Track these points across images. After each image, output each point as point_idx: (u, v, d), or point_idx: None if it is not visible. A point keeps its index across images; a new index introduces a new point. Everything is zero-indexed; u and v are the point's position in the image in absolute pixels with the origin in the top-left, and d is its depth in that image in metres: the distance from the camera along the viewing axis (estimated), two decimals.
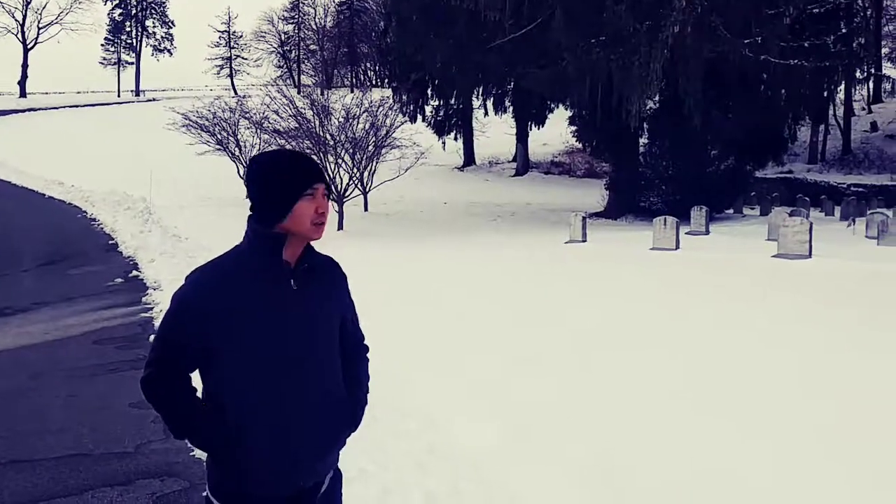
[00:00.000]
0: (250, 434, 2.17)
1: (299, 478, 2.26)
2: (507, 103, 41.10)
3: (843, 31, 24.93)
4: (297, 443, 2.21)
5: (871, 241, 16.84)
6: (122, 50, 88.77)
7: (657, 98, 24.81)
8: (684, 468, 4.58)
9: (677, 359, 7.10)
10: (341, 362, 2.45)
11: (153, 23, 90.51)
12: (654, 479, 4.42)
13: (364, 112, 23.42)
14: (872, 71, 47.76)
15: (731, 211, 27.35)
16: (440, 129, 43.11)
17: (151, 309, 10.11)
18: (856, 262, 12.61)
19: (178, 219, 20.84)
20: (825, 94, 29.80)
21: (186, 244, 15.86)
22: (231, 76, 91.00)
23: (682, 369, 6.73)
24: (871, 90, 51.79)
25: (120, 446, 5.37)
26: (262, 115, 27.08)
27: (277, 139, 23.92)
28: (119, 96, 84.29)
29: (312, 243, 2.31)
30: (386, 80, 50.13)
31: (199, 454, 5.07)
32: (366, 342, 2.59)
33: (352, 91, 35.10)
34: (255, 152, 28.84)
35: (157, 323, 9.19)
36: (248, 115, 29.36)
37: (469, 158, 45.42)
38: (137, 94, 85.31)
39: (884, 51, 51.61)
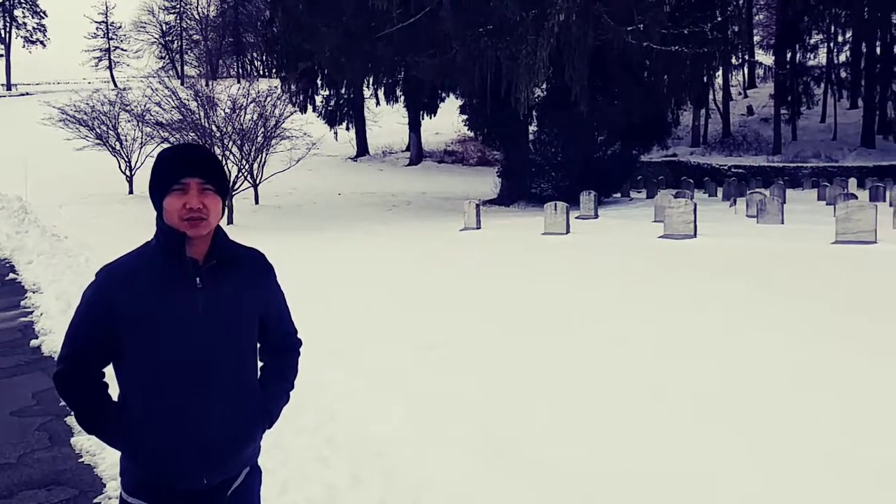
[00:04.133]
0: (156, 431, 2.17)
1: (209, 474, 2.23)
2: (399, 93, 41.08)
3: (719, 18, 25.93)
4: (203, 440, 2.19)
5: (751, 220, 17.66)
6: None
7: (545, 86, 25.23)
8: (581, 444, 4.67)
9: (569, 338, 7.25)
10: (263, 356, 2.45)
11: (23, 13, 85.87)
12: (554, 457, 4.49)
13: (251, 102, 22.89)
14: (746, 57, 50.17)
15: (618, 195, 28.18)
16: (331, 120, 42.71)
17: (31, 312, 9.60)
18: (738, 240, 13.21)
19: (56, 217, 19.92)
20: (704, 79, 31.07)
21: (66, 244, 15.13)
22: (110, 68, 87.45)
23: (574, 348, 6.87)
24: (746, 76, 54.37)
25: (1, 458, 5.07)
26: (143, 107, 26.15)
27: (160, 132, 23.10)
28: None
29: (232, 235, 2.29)
30: (273, 70, 49.16)
31: (88, 460, 4.87)
32: (298, 336, 2.57)
33: (238, 82, 34.16)
34: (136, 146, 27.94)
35: (37, 327, 8.77)
36: (128, 108, 28.31)
37: (362, 148, 45.15)
38: (9, 88, 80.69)
39: (755, 38, 54.19)
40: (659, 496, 4.00)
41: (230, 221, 20.58)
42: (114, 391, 2.27)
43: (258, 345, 2.40)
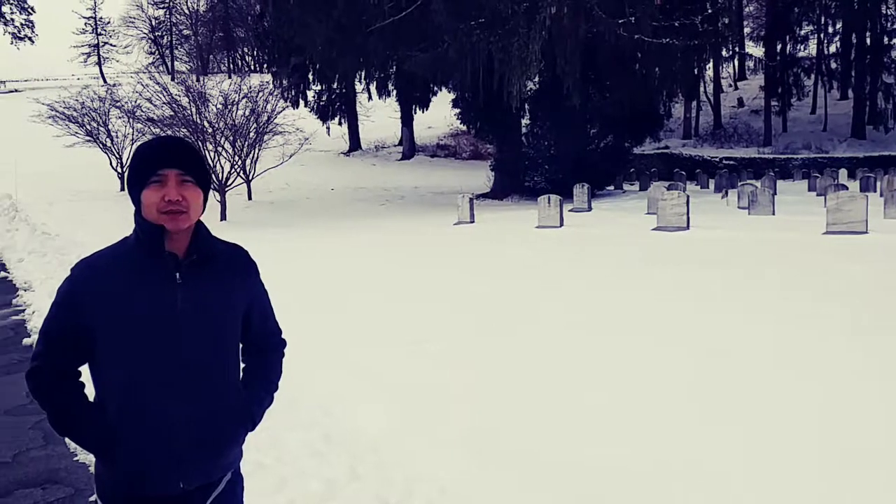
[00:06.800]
0: (131, 433, 2.08)
1: (186, 479, 2.14)
2: (391, 87, 40.85)
3: (709, 11, 25.95)
4: (182, 442, 2.11)
5: (742, 211, 17.70)
6: None
7: (537, 79, 25.24)
8: (574, 437, 4.68)
9: (565, 331, 7.25)
10: (246, 356, 2.37)
11: (10, 9, 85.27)
12: (546, 451, 4.49)
13: (243, 98, 22.82)
14: (737, 49, 50.17)
15: (611, 187, 28.21)
16: (324, 114, 42.58)
17: (23, 311, 9.57)
18: (730, 231, 13.23)
19: (47, 215, 19.84)
20: (696, 71, 31.10)
21: (57, 241, 15.09)
22: (99, 64, 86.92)
23: (570, 340, 6.87)
24: (737, 68, 54.41)
25: None
26: (134, 103, 26.04)
27: (152, 128, 23.02)
28: None
29: (215, 231, 2.21)
30: (265, 65, 49.09)
31: (84, 458, 4.85)
32: (282, 336, 2.48)
33: (229, 77, 34.18)
34: (127, 142, 27.83)
35: (29, 325, 8.74)
36: (119, 104, 28.20)
37: (354, 143, 45.07)
38: None
39: (746, 30, 54.24)
40: (655, 486, 4.01)
41: (223, 217, 20.54)
42: (90, 392, 2.18)
43: (240, 345, 2.32)
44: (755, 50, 52.10)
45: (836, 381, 5.49)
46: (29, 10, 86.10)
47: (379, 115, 45.47)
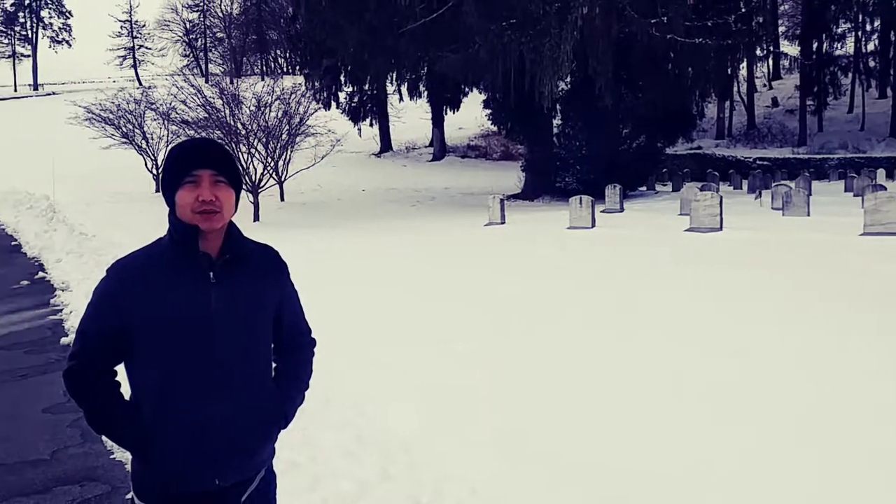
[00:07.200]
0: (167, 431, 2.12)
1: (221, 476, 2.17)
2: (422, 88, 40.98)
3: (743, 10, 25.68)
4: (217, 441, 2.14)
5: (776, 213, 17.48)
6: (17, 42, 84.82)
7: (569, 79, 25.15)
8: (601, 437, 4.66)
9: (594, 332, 7.22)
10: (277, 356, 2.40)
11: (49, 13, 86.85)
12: (574, 452, 4.49)
13: (276, 100, 23.00)
14: (771, 49, 49.54)
15: (644, 188, 28.01)
16: (355, 116, 42.78)
17: (60, 311, 9.74)
18: (764, 233, 13.08)
19: (84, 216, 20.12)
20: (729, 71, 30.78)
21: (94, 242, 15.29)
22: (135, 67, 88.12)
23: (600, 341, 6.85)
24: (771, 67, 53.74)
25: (35, 454, 5.15)
26: (168, 105, 26.34)
27: (186, 130, 23.27)
28: (16, 90, 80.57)
29: (246, 232, 2.25)
30: (297, 67, 49.36)
31: (121, 456, 4.92)
32: (312, 335, 2.51)
33: (262, 79, 34.44)
34: (162, 144, 28.16)
35: (66, 325, 8.88)
36: (154, 107, 28.54)
37: (386, 144, 45.22)
38: (36, 88, 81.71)
39: (780, 29, 53.55)
40: (680, 487, 3.98)
41: (256, 218, 20.71)
42: (126, 391, 2.21)
43: (272, 344, 2.35)
44: (790, 49, 51.41)
45: (859, 382, 5.41)
46: (66, 14, 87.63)
47: (410, 116, 45.59)
